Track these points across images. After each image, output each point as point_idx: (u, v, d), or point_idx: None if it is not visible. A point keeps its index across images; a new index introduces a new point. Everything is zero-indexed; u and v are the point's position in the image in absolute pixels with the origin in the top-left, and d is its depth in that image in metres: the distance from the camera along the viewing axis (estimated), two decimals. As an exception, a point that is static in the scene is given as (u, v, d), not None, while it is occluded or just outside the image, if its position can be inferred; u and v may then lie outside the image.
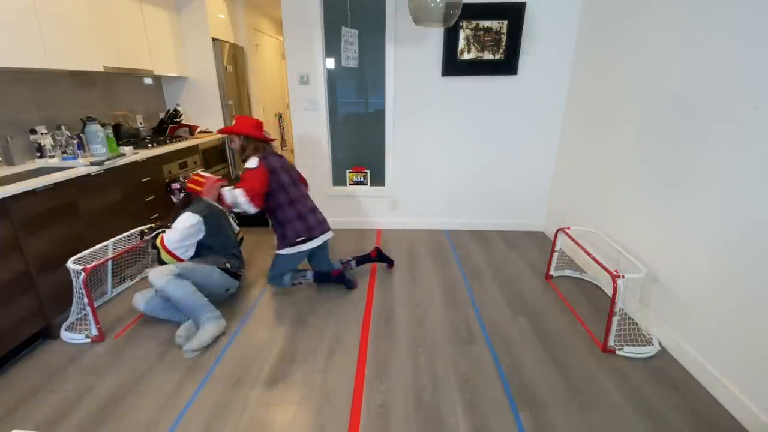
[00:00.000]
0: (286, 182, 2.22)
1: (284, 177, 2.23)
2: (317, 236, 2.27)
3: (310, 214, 2.28)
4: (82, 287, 1.88)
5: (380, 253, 2.62)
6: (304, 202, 2.30)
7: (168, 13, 3.24)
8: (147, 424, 1.48)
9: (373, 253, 2.59)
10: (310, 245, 2.25)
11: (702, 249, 1.68)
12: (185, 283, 1.92)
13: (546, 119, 3.10)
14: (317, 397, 1.61)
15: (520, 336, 1.99)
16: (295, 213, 2.22)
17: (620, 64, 2.30)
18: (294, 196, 2.24)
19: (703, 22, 1.69)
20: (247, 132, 2.21)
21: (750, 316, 1.46)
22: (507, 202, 3.37)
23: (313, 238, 2.25)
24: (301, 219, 2.23)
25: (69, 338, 1.96)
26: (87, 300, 1.90)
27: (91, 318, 1.94)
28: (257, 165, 2.12)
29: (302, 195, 2.31)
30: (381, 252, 2.62)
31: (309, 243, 2.24)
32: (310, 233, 2.23)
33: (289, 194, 2.22)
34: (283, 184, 2.20)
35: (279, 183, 2.19)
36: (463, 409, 1.55)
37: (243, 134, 2.21)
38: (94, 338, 1.95)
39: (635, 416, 1.51)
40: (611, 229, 2.36)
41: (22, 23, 1.99)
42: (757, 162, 1.43)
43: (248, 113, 4.33)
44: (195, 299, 1.92)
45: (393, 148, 3.26)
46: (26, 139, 2.32)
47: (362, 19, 2.92)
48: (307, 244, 2.24)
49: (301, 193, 2.31)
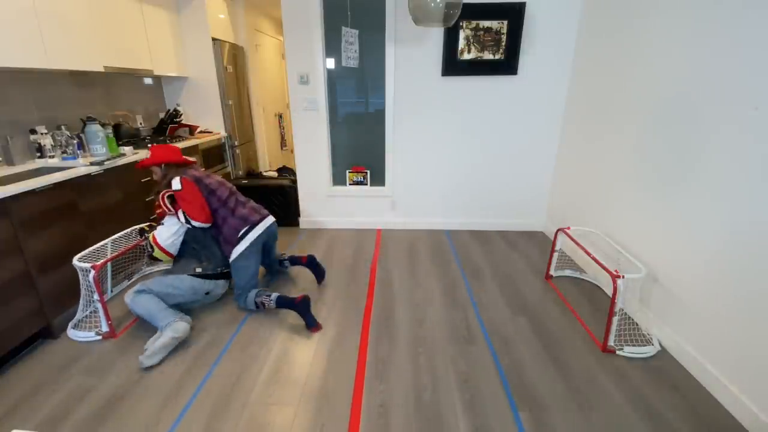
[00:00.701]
0: (213, 185, 2.16)
1: (209, 180, 2.16)
2: (256, 222, 2.18)
3: (240, 206, 2.20)
4: (92, 284, 1.89)
5: (313, 261, 2.47)
6: (234, 198, 2.23)
7: (168, 13, 3.24)
8: (147, 424, 1.48)
9: (304, 260, 2.48)
10: (255, 234, 2.15)
11: (702, 249, 1.68)
12: (145, 297, 1.93)
13: (546, 119, 3.10)
14: (317, 397, 1.61)
15: (520, 336, 1.99)
16: (228, 211, 2.15)
17: (620, 63, 2.30)
18: (223, 195, 2.17)
19: (704, 22, 1.69)
20: (165, 160, 2.14)
21: (750, 316, 1.46)
22: (507, 202, 3.37)
23: (253, 225, 2.16)
24: (234, 215, 2.15)
25: (77, 336, 1.97)
26: (98, 296, 1.91)
27: (102, 314, 1.95)
28: (180, 184, 2.04)
29: (231, 192, 2.23)
30: (314, 260, 2.48)
31: (252, 232, 2.15)
32: (246, 223, 2.15)
33: (219, 196, 2.15)
34: (211, 188, 2.14)
35: (208, 189, 2.13)
36: (463, 409, 1.55)
37: (162, 162, 2.14)
38: (105, 335, 1.96)
39: (635, 416, 1.51)
40: (611, 229, 2.36)
41: (22, 23, 1.99)
42: (757, 162, 1.43)
43: (248, 113, 4.33)
44: (153, 310, 1.90)
45: (393, 148, 3.26)
46: (26, 139, 2.32)
47: (362, 19, 2.93)
48: (250, 234, 2.14)
49: (229, 191, 2.23)
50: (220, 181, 2.24)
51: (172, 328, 1.85)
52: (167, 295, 2.00)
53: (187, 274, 2.09)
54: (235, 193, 2.26)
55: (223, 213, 2.14)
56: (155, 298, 1.94)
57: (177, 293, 2.03)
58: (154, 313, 1.89)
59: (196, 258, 2.17)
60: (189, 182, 2.06)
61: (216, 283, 2.19)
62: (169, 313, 1.91)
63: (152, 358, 1.77)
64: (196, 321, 2.12)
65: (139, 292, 1.95)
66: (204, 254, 2.17)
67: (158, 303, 1.93)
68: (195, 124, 3.58)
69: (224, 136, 3.75)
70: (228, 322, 2.11)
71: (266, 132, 4.84)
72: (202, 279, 2.12)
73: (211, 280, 2.16)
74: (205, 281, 2.13)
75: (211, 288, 2.17)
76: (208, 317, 2.16)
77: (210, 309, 2.23)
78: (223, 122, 3.70)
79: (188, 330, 1.92)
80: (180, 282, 2.06)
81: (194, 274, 2.11)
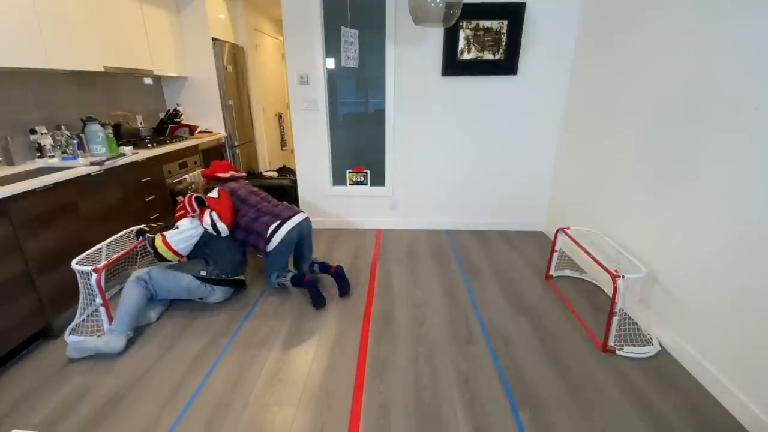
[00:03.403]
0: (245, 195, 2.34)
1: (243, 191, 2.35)
2: (287, 217, 2.29)
3: (272, 207, 2.35)
4: (95, 287, 1.88)
5: (340, 273, 2.39)
6: (267, 201, 2.39)
7: (168, 13, 3.24)
8: (147, 424, 1.48)
9: (333, 269, 2.40)
10: (286, 228, 2.25)
11: (702, 249, 1.68)
12: (136, 290, 1.98)
13: (546, 119, 3.10)
14: (317, 397, 1.61)
15: (520, 336, 1.99)
16: (257, 212, 2.29)
17: (620, 63, 2.30)
18: (254, 201, 2.34)
19: (704, 21, 1.69)
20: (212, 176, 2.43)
21: (750, 316, 1.46)
22: (507, 202, 3.37)
23: (284, 221, 2.27)
24: (266, 213, 2.29)
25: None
26: (101, 300, 1.90)
27: (105, 318, 1.94)
28: (218, 193, 2.26)
29: (263, 199, 2.39)
30: (342, 273, 2.39)
31: (284, 227, 2.25)
32: (278, 218, 2.27)
33: (250, 202, 2.32)
34: (243, 198, 2.32)
35: (240, 198, 2.32)
36: (463, 409, 1.55)
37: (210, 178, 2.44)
38: None
39: (635, 416, 1.51)
40: (611, 229, 2.36)
41: (22, 23, 1.99)
42: (757, 162, 1.43)
43: (248, 113, 4.33)
44: (125, 307, 1.93)
45: (393, 148, 3.26)
46: (26, 139, 2.32)
47: (362, 19, 2.92)
48: (282, 229, 2.24)
49: (262, 198, 2.39)
50: (252, 191, 2.42)
51: (106, 343, 1.84)
52: (160, 287, 2.07)
53: (191, 274, 2.12)
54: (266, 197, 2.43)
55: (253, 214, 2.28)
56: (140, 298, 1.98)
57: (171, 288, 2.10)
58: (123, 309, 1.93)
59: (204, 261, 2.21)
60: (225, 192, 2.27)
61: (213, 289, 2.20)
62: (125, 323, 1.92)
63: (78, 353, 1.82)
64: (196, 321, 2.12)
65: (138, 280, 2.01)
66: (213, 259, 2.21)
67: (137, 305, 1.96)
68: (195, 124, 3.58)
69: (224, 136, 3.75)
70: (228, 322, 2.11)
71: (266, 132, 4.84)
72: (200, 282, 2.14)
73: (209, 285, 2.18)
74: (201, 285, 2.15)
75: (205, 295, 2.18)
76: (208, 317, 2.16)
77: (210, 309, 2.23)
78: (223, 122, 3.70)
79: (119, 349, 1.87)
80: (179, 280, 2.10)
81: (197, 275, 2.13)
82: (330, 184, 3.40)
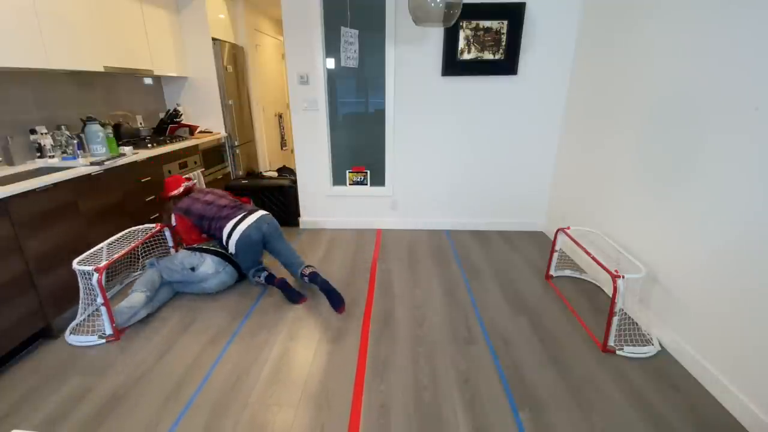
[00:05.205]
0: (199, 210, 2.42)
1: (196, 207, 2.43)
2: (242, 216, 2.35)
3: (228, 211, 2.40)
4: (96, 287, 1.88)
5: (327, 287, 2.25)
6: (221, 205, 2.44)
7: (168, 13, 3.24)
8: (147, 424, 1.48)
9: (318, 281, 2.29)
10: (240, 230, 2.30)
11: (702, 249, 1.68)
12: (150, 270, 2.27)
13: (546, 119, 3.10)
14: (317, 397, 1.61)
15: (520, 336, 1.99)
16: (209, 222, 2.39)
17: (620, 63, 2.30)
18: (211, 214, 2.40)
19: (704, 21, 1.69)
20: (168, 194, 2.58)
21: (750, 316, 1.46)
22: (507, 202, 3.37)
23: (237, 223, 2.32)
24: (220, 218, 2.37)
25: (77, 341, 1.92)
26: (103, 300, 1.90)
27: (107, 317, 1.94)
28: (175, 220, 2.44)
29: (216, 205, 2.43)
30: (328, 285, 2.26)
31: (237, 229, 2.30)
32: (228, 220, 2.34)
33: (206, 216, 2.40)
34: (199, 213, 2.41)
35: (196, 215, 2.42)
36: (463, 409, 1.55)
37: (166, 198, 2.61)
38: (109, 338, 1.95)
39: (635, 416, 1.51)
40: (611, 229, 2.36)
41: (22, 23, 1.99)
42: (756, 162, 1.43)
43: (248, 113, 4.33)
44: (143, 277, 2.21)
45: (393, 148, 3.26)
46: (26, 139, 2.32)
47: (362, 19, 2.92)
48: (236, 231, 2.30)
49: (216, 205, 2.43)
50: (205, 200, 2.47)
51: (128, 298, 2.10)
52: (164, 266, 2.27)
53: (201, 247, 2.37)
54: (219, 202, 2.46)
55: (208, 224, 2.40)
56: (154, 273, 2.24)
57: (170, 265, 2.27)
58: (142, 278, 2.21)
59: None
60: (179, 216, 2.44)
61: (203, 257, 2.31)
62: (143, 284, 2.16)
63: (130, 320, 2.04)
64: (197, 320, 2.12)
65: (149, 264, 2.30)
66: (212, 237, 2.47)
67: (151, 275, 2.22)
68: (195, 124, 3.58)
69: (224, 136, 3.75)
70: (228, 323, 2.11)
71: (266, 132, 4.84)
72: (190, 250, 2.33)
73: (199, 252, 2.33)
74: (192, 253, 2.31)
75: (195, 263, 2.28)
76: (208, 317, 2.16)
77: (210, 309, 2.23)
78: (223, 122, 3.70)
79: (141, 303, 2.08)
80: (175, 255, 2.31)
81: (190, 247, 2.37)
82: (330, 184, 3.40)
